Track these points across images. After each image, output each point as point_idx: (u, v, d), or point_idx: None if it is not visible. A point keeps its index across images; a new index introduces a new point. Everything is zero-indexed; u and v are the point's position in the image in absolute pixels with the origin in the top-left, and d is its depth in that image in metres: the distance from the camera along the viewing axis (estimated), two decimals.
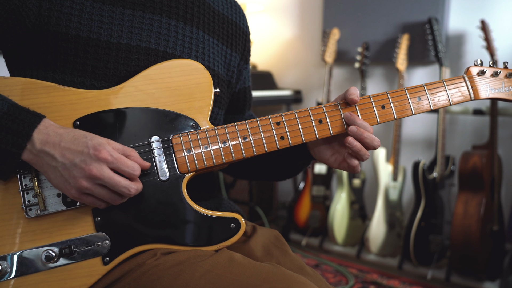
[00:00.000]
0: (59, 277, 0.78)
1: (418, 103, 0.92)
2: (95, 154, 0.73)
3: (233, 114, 1.15)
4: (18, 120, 0.74)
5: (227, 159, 0.87)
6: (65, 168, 0.74)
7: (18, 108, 0.75)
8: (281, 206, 3.29)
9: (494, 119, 2.24)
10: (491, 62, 0.97)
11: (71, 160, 0.73)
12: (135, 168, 0.77)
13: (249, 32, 1.16)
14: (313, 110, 0.90)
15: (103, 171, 0.74)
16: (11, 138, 0.73)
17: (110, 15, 0.87)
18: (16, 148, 0.73)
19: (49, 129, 0.75)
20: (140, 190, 0.78)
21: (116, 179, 0.75)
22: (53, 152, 0.74)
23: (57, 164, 0.74)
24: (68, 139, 0.75)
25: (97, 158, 0.73)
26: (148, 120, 0.85)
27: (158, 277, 0.78)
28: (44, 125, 0.75)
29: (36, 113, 0.76)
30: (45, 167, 0.76)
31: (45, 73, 0.85)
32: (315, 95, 3.18)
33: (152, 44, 0.91)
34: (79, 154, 0.74)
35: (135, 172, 0.77)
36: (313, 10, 3.17)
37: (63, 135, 0.75)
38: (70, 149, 0.74)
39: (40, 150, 0.74)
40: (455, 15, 2.58)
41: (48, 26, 0.84)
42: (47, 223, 0.79)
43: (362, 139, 0.87)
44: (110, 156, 0.74)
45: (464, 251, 2.22)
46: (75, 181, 0.74)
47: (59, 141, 0.74)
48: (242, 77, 1.14)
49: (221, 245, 0.85)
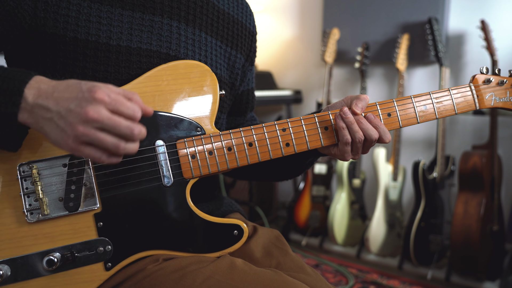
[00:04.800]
0: (60, 282, 0.78)
1: (424, 111, 0.93)
2: (90, 95, 0.67)
3: (234, 116, 1.13)
4: (8, 79, 0.70)
5: (232, 165, 0.86)
6: (60, 116, 0.68)
7: (7, 68, 0.73)
8: (281, 206, 3.29)
9: (494, 119, 2.24)
10: (497, 70, 0.97)
11: (65, 107, 0.67)
12: (136, 110, 0.69)
13: (256, 32, 1.12)
14: (319, 116, 0.89)
15: (101, 111, 0.67)
16: (3, 99, 0.69)
17: (109, 16, 0.85)
18: (11, 108, 0.69)
19: (40, 83, 0.71)
20: (144, 134, 0.71)
21: (116, 118, 0.68)
22: (47, 103, 0.69)
23: (52, 114, 0.68)
24: (62, 88, 0.70)
25: (93, 99, 0.67)
26: (153, 124, 0.83)
27: (159, 282, 0.78)
28: (36, 80, 0.71)
29: (27, 71, 0.72)
30: (40, 122, 0.70)
31: (45, 76, 0.84)
32: (315, 95, 3.18)
33: (153, 46, 0.89)
34: (74, 99, 0.67)
35: (135, 114, 0.69)
36: (313, 10, 3.17)
37: (55, 85, 0.70)
38: (64, 97, 0.68)
39: (34, 104, 0.69)
40: (455, 15, 2.57)
41: (45, 28, 0.81)
42: (48, 227, 0.79)
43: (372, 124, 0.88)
44: (107, 96, 0.67)
45: (464, 251, 2.22)
46: (71, 128, 0.67)
47: (52, 92, 0.69)
48: (246, 78, 1.11)
49: (223, 252, 0.85)
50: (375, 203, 2.57)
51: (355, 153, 0.90)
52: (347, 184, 2.72)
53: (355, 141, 0.87)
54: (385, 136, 0.88)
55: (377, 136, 0.88)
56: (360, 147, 0.89)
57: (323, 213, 2.84)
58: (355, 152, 0.90)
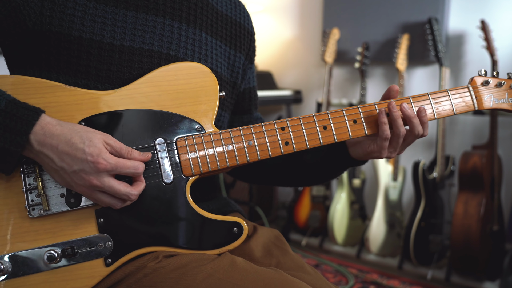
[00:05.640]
0: (60, 278, 0.78)
1: None
2: (94, 165, 0.74)
3: (240, 115, 1.15)
4: (16, 118, 0.73)
5: (231, 163, 0.87)
6: (65, 172, 0.75)
7: (16, 105, 0.74)
8: (281, 206, 3.29)
9: (494, 119, 2.24)
10: (495, 73, 0.99)
11: (70, 166, 0.74)
12: (137, 167, 0.77)
13: (254, 32, 1.15)
14: (317, 116, 0.90)
15: (103, 180, 0.75)
16: (9, 136, 0.72)
17: (113, 17, 0.87)
18: (15, 147, 0.73)
19: (45, 129, 0.74)
20: (142, 190, 0.79)
21: (116, 187, 0.75)
22: (52, 156, 0.74)
23: (57, 167, 0.75)
24: (65, 142, 0.74)
25: (97, 169, 0.74)
26: (153, 122, 0.84)
27: (159, 280, 0.78)
28: (41, 126, 0.74)
29: (34, 109, 0.75)
30: (46, 167, 0.77)
31: (49, 73, 0.85)
32: (315, 95, 3.18)
33: (155, 46, 0.90)
34: (78, 161, 0.74)
35: (138, 171, 0.77)
36: (313, 10, 3.17)
37: (59, 136, 0.74)
38: (69, 155, 0.74)
39: (39, 151, 0.74)
40: (455, 15, 2.58)
41: (50, 27, 0.83)
42: (50, 223, 0.79)
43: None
44: (108, 164, 0.74)
45: (464, 251, 2.22)
46: (76, 186, 0.76)
47: (56, 144, 0.74)
48: (247, 77, 1.13)
49: (223, 249, 0.85)
50: (375, 203, 2.57)
51: (393, 149, 0.93)
52: (347, 184, 2.73)
53: (398, 136, 0.90)
54: (426, 131, 0.92)
55: (422, 132, 0.92)
56: (400, 143, 0.92)
57: (323, 213, 2.85)
58: (393, 147, 0.92)
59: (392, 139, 0.91)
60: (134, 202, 0.80)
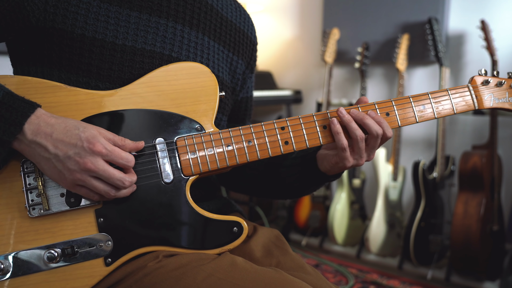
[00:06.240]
0: (60, 277, 0.78)
1: (422, 111, 0.93)
2: (89, 147, 0.74)
3: (233, 123, 1.15)
4: (12, 109, 0.73)
5: (231, 162, 0.87)
6: (58, 160, 0.74)
7: (13, 97, 0.75)
8: (281, 206, 3.29)
9: (494, 119, 2.24)
10: (495, 72, 0.98)
11: (64, 152, 0.74)
12: (129, 159, 0.78)
13: (256, 42, 1.15)
14: (317, 115, 0.90)
15: (98, 164, 0.74)
16: (3, 126, 0.73)
17: (117, 16, 0.87)
18: (7, 136, 0.73)
19: (40, 119, 0.75)
20: (135, 181, 0.79)
21: (111, 171, 0.75)
22: (45, 144, 0.74)
23: (50, 155, 0.74)
24: (60, 130, 0.75)
25: (92, 152, 0.74)
26: (153, 122, 0.85)
27: (159, 280, 0.78)
28: (36, 115, 0.75)
29: (31, 102, 0.76)
30: (37, 157, 0.76)
31: (51, 71, 0.85)
32: (315, 95, 3.18)
33: (157, 47, 0.90)
34: (73, 146, 0.74)
35: (129, 163, 0.78)
36: (313, 10, 3.17)
37: (54, 125, 0.75)
38: (63, 141, 0.74)
39: (32, 140, 0.74)
40: (455, 15, 2.58)
41: (53, 23, 0.83)
42: (50, 223, 0.79)
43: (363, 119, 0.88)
44: (104, 149, 0.75)
45: (464, 251, 2.22)
46: (69, 173, 0.75)
47: (50, 132, 0.74)
48: (246, 86, 1.13)
49: (223, 248, 0.85)
50: (375, 203, 2.57)
51: (358, 155, 0.89)
52: (347, 184, 2.73)
53: (356, 140, 0.87)
54: (388, 131, 0.89)
55: (381, 131, 0.88)
56: (362, 148, 0.88)
57: (323, 213, 2.84)
58: (357, 154, 0.89)
59: (353, 144, 0.88)
60: (134, 202, 0.80)
